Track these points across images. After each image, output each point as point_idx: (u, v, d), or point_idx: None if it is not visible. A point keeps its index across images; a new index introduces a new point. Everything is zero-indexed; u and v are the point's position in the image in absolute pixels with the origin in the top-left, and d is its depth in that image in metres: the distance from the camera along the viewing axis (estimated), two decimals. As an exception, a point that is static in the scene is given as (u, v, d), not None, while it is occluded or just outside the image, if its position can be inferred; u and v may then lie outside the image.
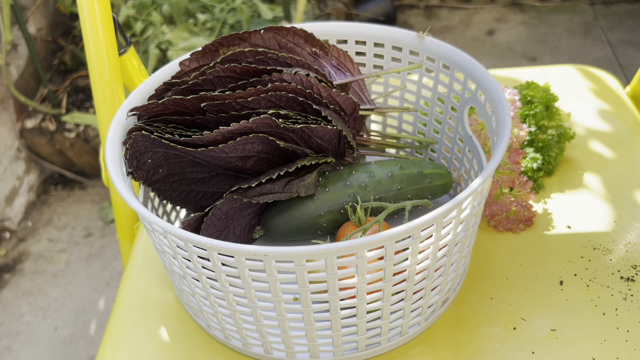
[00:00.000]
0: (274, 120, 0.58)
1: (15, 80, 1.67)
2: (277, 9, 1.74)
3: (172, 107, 0.60)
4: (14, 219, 1.69)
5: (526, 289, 0.63)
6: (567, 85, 0.88)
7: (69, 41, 1.86)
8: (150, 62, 1.64)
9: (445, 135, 0.70)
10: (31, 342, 1.42)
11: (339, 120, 0.62)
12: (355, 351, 0.57)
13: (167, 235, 0.51)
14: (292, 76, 0.59)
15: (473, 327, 0.60)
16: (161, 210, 0.67)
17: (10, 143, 1.68)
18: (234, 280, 0.51)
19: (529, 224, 0.68)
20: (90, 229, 1.67)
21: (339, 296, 0.51)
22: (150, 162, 0.61)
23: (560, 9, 2.22)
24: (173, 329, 0.63)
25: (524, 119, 0.74)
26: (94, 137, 1.70)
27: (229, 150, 0.59)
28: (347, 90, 0.67)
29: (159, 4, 1.70)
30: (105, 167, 0.86)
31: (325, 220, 0.64)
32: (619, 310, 0.60)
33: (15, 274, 1.58)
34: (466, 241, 0.56)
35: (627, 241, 0.66)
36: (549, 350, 0.57)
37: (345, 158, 0.66)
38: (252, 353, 0.59)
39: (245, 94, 0.59)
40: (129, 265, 0.70)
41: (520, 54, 2.04)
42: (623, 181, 0.73)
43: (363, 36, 0.70)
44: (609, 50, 2.01)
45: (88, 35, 0.71)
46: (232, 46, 0.64)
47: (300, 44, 0.65)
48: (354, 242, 0.46)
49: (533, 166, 0.71)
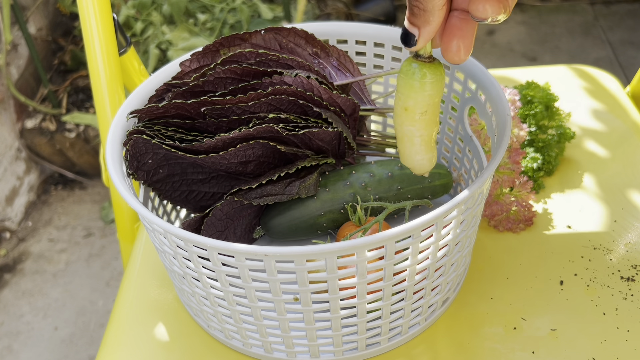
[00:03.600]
0: (276, 129, 0.58)
1: (15, 80, 1.67)
2: (277, 9, 1.74)
3: (173, 110, 0.60)
4: (14, 219, 1.69)
5: (526, 289, 0.63)
6: (567, 85, 0.88)
7: (69, 41, 1.86)
8: (150, 62, 1.64)
9: (446, 135, 0.70)
10: (31, 342, 1.42)
11: (340, 121, 0.62)
12: (355, 351, 0.57)
13: (167, 235, 0.51)
14: (293, 78, 0.59)
15: (473, 327, 0.60)
16: (161, 210, 0.67)
17: (11, 143, 1.68)
18: (234, 280, 0.51)
19: (529, 224, 0.68)
20: (90, 229, 1.67)
21: (339, 296, 0.51)
22: (151, 163, 0.61)
23: (561, 9, 2.22)
24: (173, 329, 0.63)
25: (524, 119, 0.74)
26: (94, 137, 1.70)
27: (230, 157, 0.59)
28: (347, 91, 0.67)
29: (159, 4, 1.70)
30: (105, 167, 0.86)
31: (326, 220, 0.64)
32: (619, 310, 0.60)
33: (15, 274, 1.58)
34: (466, 241, 0.56)
35: (627, 241, 0.66)
36: (549, 350, 0.57)
37: (345, 158, 0.66)
38: (252, 353, 0.59)
39: (246, 99, 0.59)
40: (129, 265, 0.70)
41: (521, 54, 2.04)
42: (623, 181, 0.73)
43: (363, 36, 0.70)
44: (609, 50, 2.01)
45: (88, 35, 0.71)
46: (232, 47, 0.64)
47: (301, 44, 0.66)
48: (354, 242, 0.46)
49: (533, 166, 0.71)
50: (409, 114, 0.50)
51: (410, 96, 0.49)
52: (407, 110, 0.50)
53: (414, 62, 0.48)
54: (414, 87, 0.48)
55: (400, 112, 0.50)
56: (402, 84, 0.49)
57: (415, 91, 0.48)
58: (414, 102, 0.49)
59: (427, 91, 0.48)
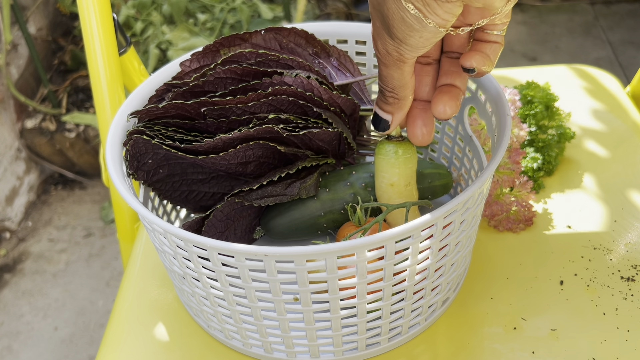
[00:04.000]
0: (277, 130, 0.58)
1: (15, 80, 1.68)
2: (277, 8, 1.74)
3: (173, 111, 0.60)
4: (14, 219, 1.69)
5: (526, 289, 0.63)
6: (567, 85, 0.88)
7: (69, 41, 1.86)
8: (150, 62, 1.64)
9: (446, 135, 0.70)
10: (31, 342, 1.42)
11: (340, 122, 0.62)
12: (355, 351, 0.57)
13: (167, 235, 0.51)
14: (293, 78, 0.59)
15: (473, 327, 0.60)
16: (161, 210, 0.67)
17: (11, 143, 1.68)
18: (234, 280, 0.51)
19: (529, 224, 0.68)
20: (90, 229, 1.67)
21: (339, 296, 0.51)
22: (151, 163, 0.61)
23: (561, 9, 2.22)
24: (173, 329, 0.63)
25: (524, 118, 0.74)
26: (94, 137, 1.70)
27: (230, 157, 0.59)
28: (347, 91, 0.67)
29: (159, 4, 1.70)
30: (105, 167, 0.86)
31: (326, 221, 0.64)
32: (619, 310, 0.60)
33: (15, 274, 1.59)
34: (466, 241, 0.56)
35: (627, 241, 0.66)
36: (549, 350, 0.57)
37: (345, 158, 0.66)
38: (252, 353, 0.59)
39: (246, 99, 0.59)
40: (129, 265, 0.70)
41: (521, 54, 2.04)
42: (623, 181, 0.73)
43: (363, 36, 0.70)
44: (609, 50, 2.01)
45: (88, 35, 0.71)
46: (232, 47, 0.64)
47: (301, 44, 0.66)
48: (354, 242, 0.46)
49: (533, 166, 0.71)
50: (396, 188, 0.57)
51: (395, 173, 0.55)
52: (394, 185, 0.56)
53: (389, 144, 0.55)
54: (395, 164, 0.55)
55: (387, 188, 0.57)
56: (382, 164, 0.56)
57: (398, 167, 0.55)
58: (398, 178, 0.56)
59: (407, 165, 0.55)
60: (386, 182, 0.56)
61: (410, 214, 0.59)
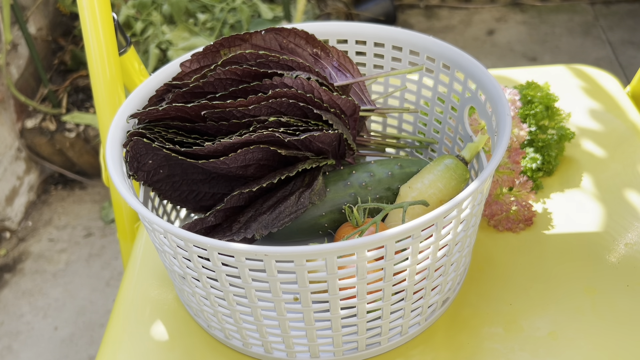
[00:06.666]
0: (277, 136, 0.57)
1: (15, 80, 1.68)
2: (277, 8, 1.74)
3: (173, 113, 0.60)
4: (14, 218, 1.69)
5: (526, 289, 0.63)
6: (567, 85, 0.88)
7: (69, 41, 1.86)
8: (150, 62, 1.64)
9: (446, 135, 0.70)
10: (31, 342, 1.42)
11: (340, 123, 0.62)
12: (355, 351, 0.57)
13: (167, 235, 0.51)
14: (293, 80, 0.59)
15: (473, 327, 0.60)
16: (161, 210, 0.67)
17: (11, 143, 1.68)
18: (234, 280, 0.51)
19: (529, 223, 0.68)
20: (90, 228, 1.67)
21: (339, 296, 0.51)
22: (152, 163, 0.61)
23: (561, 9, 2.22)
24: (173, 328, 0.63)
25: (524, 118, 0.74)
26: (94, 137, 1.70)
27: (230, 161, 0.59)
28: (347, 91, 0.67)
29: (159, 4, 1.70)
30: (105, 166, 0.86)
31: (327, 221, 0.64)
32: (619, 310, 0.60)
33: (15, 273, 1.59)
34: (466, 241, 0.56)
35: (627, 241, 0.66)
36: (549, 350, 0.57)
37: (345, 159, 0.66)
38: (252, 353, 0.59)
39: (247, 102, 0.58)
40: (129, 265, 0.70)
41: (521, 54, 2.04)
42: (623, 181, 0.73)
43: (363, 36, 0.70)
44: (609, 50, 2.01)
45: (88, 35, 0.71)
46: (233, 47, 0.64)
47: (301, 44, 0.66)
48: (354, 242, 0.46)
49: (533, 166, 0.71)
50: (428, 197, 0.60)
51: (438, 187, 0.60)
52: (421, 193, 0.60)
53: (452, 158, 0.61)
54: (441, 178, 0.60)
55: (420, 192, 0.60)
56: (434, 171, 0.60)
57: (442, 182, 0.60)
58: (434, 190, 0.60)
59: (451, 184, 0.60)
60: (425, 186, 0.59)
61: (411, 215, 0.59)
